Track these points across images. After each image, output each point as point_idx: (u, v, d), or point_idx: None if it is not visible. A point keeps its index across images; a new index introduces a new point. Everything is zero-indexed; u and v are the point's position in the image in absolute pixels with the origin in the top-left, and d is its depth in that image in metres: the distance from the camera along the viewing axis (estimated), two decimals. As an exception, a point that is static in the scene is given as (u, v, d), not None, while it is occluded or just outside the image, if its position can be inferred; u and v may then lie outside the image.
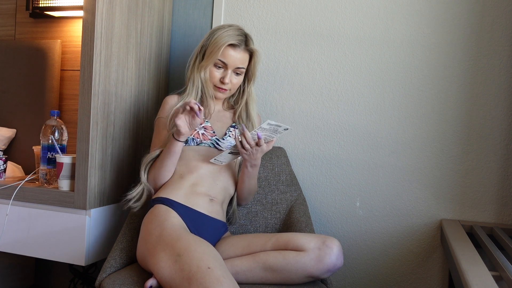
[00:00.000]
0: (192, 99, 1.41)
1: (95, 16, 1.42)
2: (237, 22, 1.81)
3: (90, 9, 1.43)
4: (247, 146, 1.31)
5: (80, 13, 1.79)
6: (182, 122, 1.32)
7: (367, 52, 1.68)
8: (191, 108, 1.29)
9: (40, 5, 1.86)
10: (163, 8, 1.81)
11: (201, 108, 1.29)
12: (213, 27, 1.83)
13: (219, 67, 1.46)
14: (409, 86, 1.64)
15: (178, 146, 1.37)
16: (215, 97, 1.52)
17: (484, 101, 1.57)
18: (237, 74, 1.49)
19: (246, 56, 1.48)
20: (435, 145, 1.62)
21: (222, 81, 1.46)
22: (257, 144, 1.32)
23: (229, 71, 1.46)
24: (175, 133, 1.35)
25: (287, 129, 1.30)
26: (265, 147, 1.34)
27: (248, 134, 1.31)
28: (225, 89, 1.49)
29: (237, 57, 1.45)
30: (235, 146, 1.35)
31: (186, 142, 1.43)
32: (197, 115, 1.29)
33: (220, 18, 1.83)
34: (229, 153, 1.37)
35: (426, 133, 1.63)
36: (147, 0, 1.69)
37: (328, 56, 1.72)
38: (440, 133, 1.62)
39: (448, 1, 1.59)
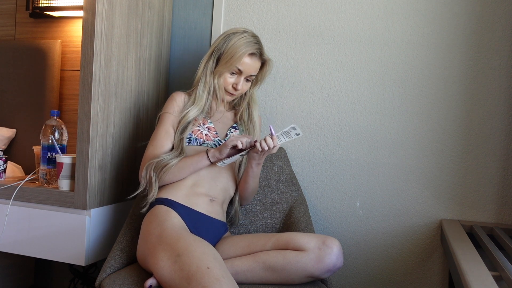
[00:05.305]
0: (255, 138, 1.39)
1: (95, 16, 1.42)
2: (237, 22, 1.81)
3: (90, 9, 1.43)
4: (265, 147, 1.31)
5: (80, 13, 1.79)
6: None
7: (367, 52, 1.68)
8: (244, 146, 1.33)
9: (40, 5, 1.86)
10: (163, 8, 1.81)
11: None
12: (213, 27, 1.84)
13: (233, 73, 1.47)
14: (409, 86, 1.64)
15: (207, 166, 1.39)
16: (222, 100, 1.53)
17: (484, 101, 1.57)
18: (247, 80, 1.51)
19: (259, 64, 1.50)
20: (435, 145, 1.62)
21: (234, 87, 1.48)
22: None
23: (242, 78, 1.48)
24: (212, 156, 1.36)
25: (299, 134, 1.31)
26: (274, 149, 1.35)
27: (275, 137, 1.31)
28: (235, 94, 1.51)
29: (253, 66, 1.47)
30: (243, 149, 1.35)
31: (189, 141, 1.43)
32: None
33: (220, 18, 1.83)
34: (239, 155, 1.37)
35: (426, 133, 1.63)
36: (147, 0, 1.69)
37: (328, 56, 1.72)
38: (440, 133, 1.62)
39: (448, 1, 1.59)
